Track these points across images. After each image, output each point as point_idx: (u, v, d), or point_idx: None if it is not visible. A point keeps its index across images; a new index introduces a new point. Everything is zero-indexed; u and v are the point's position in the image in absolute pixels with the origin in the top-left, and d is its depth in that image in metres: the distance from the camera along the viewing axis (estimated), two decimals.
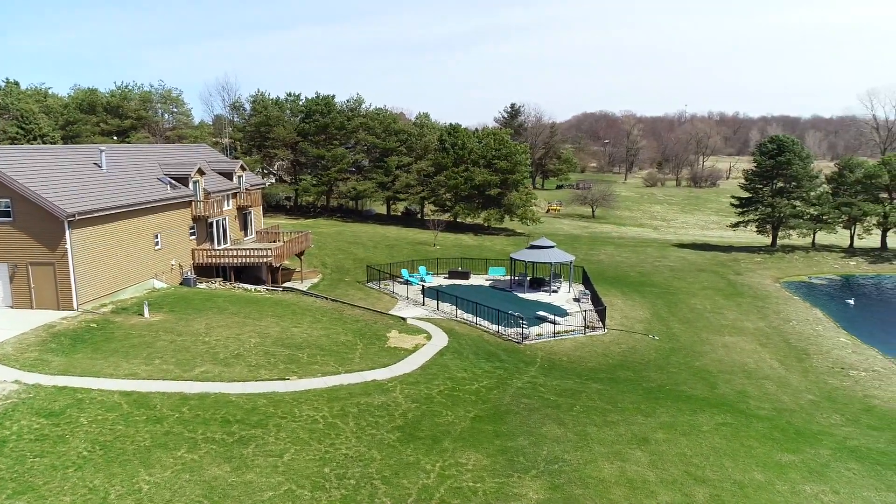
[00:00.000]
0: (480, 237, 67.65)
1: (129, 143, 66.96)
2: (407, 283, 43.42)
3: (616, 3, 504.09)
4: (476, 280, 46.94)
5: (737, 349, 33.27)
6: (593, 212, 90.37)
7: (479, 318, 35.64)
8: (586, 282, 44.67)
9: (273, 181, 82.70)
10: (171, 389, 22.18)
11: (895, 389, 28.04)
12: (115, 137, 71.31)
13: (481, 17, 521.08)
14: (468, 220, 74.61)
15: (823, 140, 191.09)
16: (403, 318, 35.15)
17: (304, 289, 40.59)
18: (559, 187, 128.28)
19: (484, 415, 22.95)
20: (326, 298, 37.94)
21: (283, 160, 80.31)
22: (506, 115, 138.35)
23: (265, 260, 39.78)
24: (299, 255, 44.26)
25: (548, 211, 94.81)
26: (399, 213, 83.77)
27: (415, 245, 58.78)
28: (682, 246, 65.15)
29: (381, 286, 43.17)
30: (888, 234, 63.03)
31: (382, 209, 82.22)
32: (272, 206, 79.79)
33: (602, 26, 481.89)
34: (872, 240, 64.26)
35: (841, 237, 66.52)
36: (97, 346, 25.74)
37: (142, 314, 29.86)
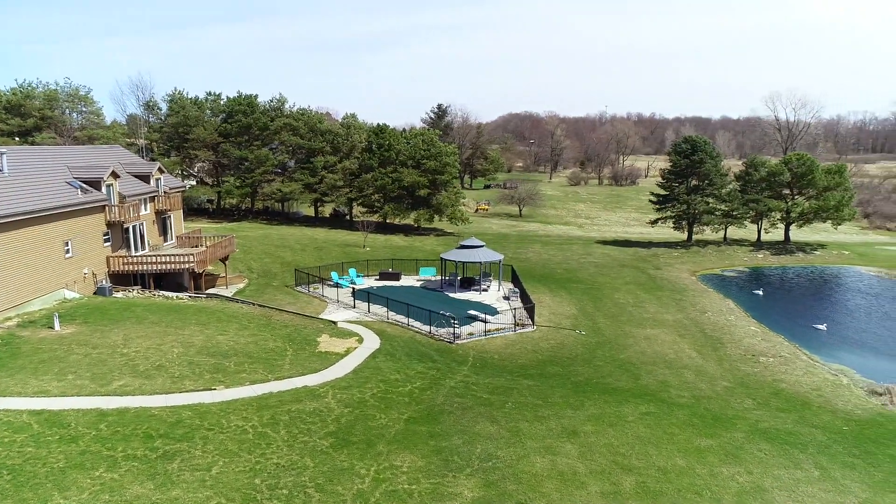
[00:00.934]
0: (411, 238, 67.65)
1: (33, 143, 62.69)
2: (337, 285, 42.85)
3: (537, 6, 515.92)
4: (407, 281, 46.91)
5: (658, 341, 34.78)
6: (520, 211, 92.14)
7: (410, 320, 35.62)
8: (515, 280, 45.50)
9: (194, 183, 79.61)
10: (86, 406, 20.96)
11: (800, 373, 30.09)
12: (16, 138, 66.56)
13: (405, 16, 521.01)
14: (398, 221, 74.43)
15: (732, 140, 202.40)
16: (334, 322, 34.67)
17: (230, 295, 39.33)
18: (487, 187, 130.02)
19: (418, 416, 22.96)
20: (253, 304, 36.91)
21: (203, 162, 77.43)
22: (433, 116, 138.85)
23: (187, 266, 38.26)
24: (223, 259, 42.82)
25: (476, 210, 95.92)
26: (327, 215, 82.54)
27: (344, 247, 58.09)
28: (605, 243, 67.45)
29: (311, 290, 42.42)
30: (790, 228, 67.54)
31: (310, 211, 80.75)
32: (193, 210, 76.82)
33: (525, 28, 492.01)
34: (777, 233, 68.70)
35: (749, 232, 70.75)
36: (1, 364, 24.00)
37: (52, 327, 28.06)
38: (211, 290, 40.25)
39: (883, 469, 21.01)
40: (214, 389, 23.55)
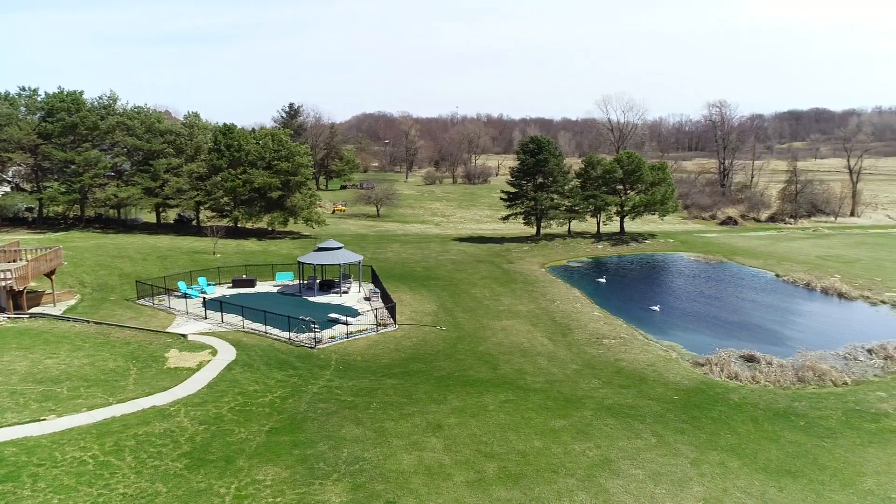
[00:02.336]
0: (265, 242, 65.13)
1: None
2: (185, 296, 40.13)
3: (383, 7, 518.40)
4: (263, 287, 45.11)
5: (513, 331, 36.54)
6: (378, 211, 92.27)
7: (268, 327, 34.33)
8: (376, 280, 45.49)
9: (8, 190, 70.45)
10: None
11: (637, 352, 33.12)
12: None
13: (247, 10, 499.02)
14: (250, 225, 71.25)
15: (572, 140, 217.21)
16: (184, 335, 32.48)
17: (59, 313, 35.39)
18: (343, 188, 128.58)
19: (280, 426, 22.23)
20: (88, 321, 33.52)
21: (19, 165, 68.72)
22: (284, 115, 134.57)
23: (4, 284, 33.82)
24: (49, 274, 38.37)
25: (333, 212, 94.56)
26: (171, 221, 76.91)
27: (192, 255, 54.51)
28: (461, 240, 69.58)
29: (156, 302, 39.34)
30: (625, 220, 74.07)
31: (151, 217, 74.68)
32: (9, 220, 68.01)
33: (376, 28, 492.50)
34: (614, 226, 75.03)
35: (590, 225, 76.53)
36: None
37: None
38: (35, 310, 35.95)
39: (706, 430, 23.76)
40: (44, 420, 21.12)
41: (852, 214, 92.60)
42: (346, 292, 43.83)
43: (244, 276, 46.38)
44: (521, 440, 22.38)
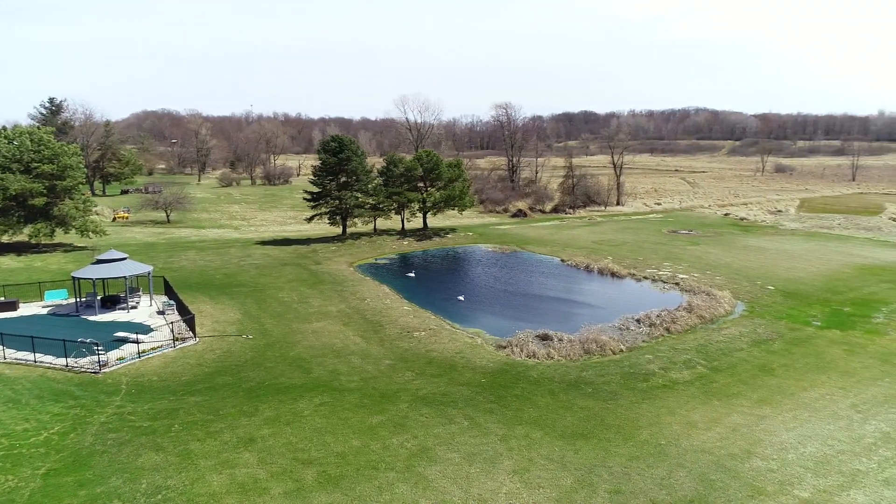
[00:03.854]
0: (28, 257, 56.30)
1: None
2: None
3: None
4: (29, 309, 38.98)
5: (325, 333, 35.93)
6: (168, 216, 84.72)
7: (39, 355, 29.73)
8: (170, 291, 41.73)
9: None
10: None
11: (446, 341, 34.52)
12: None
13: None
14: (7, 239, 61.08)
15: (373, 139, 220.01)
16: None
17: None
18: (125, 192, 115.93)
19: (60, 466, 19.39)
20: None
21: None
22: (45, 112, 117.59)
23: None
24: None
25: (114, 219, 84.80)
26: None
27: None
28: (264, 243, 66.65)
29: None
30: (427, 216, 76.76)
31: None
32: None
33: (153, 18, 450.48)
34: (417, 222, 77.39)
35: (395, 222, 78.03)
36: None
37: None
38: None
39: (512, 407, 25.55)
40: None
41: (618, 203, 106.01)
42: (134, 307, 39.60)
43: (2, 299, 39.66)
44: (340, 441, 22.10)
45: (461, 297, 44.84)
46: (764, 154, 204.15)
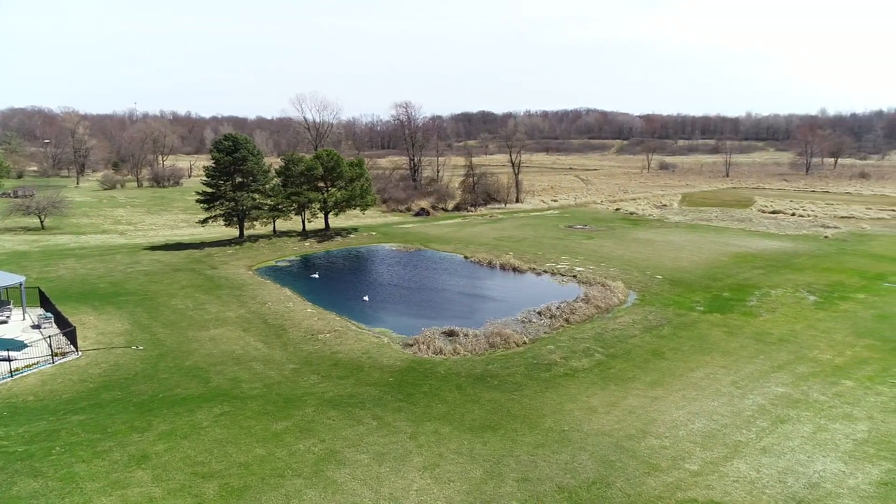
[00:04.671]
0: None
1: None
2: None
3: None
4: None
5: (224, 339, 34.35)
6: (42, 222, 77.79)
7: None
8: (46, 303, 38.33)
9: None
10: None
11: (352, 342, 33.99)
12: None
13: None
14: None
15: (269, 138, 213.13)
16: None
17: None
18: None
19: None
20: None
21: None
22: None
23: None
24: None
25: None
26: None
27: None
28: (154, 248, 62.77)
29: None
30: (329, 216, 75.33)
31: None
32: None
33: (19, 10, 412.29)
34: (318, 222, 75.75)
35: (295, 223, 75.95)
36: None
37: None
38: None
39: (420, 404, 25.56)
40: None
41: (517, 201, 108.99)
42: (4, 322, 36.04)
43: None
44: (242, 451, 21.18)
45: (366, 298, 44.37)
46: (649, 152, 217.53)
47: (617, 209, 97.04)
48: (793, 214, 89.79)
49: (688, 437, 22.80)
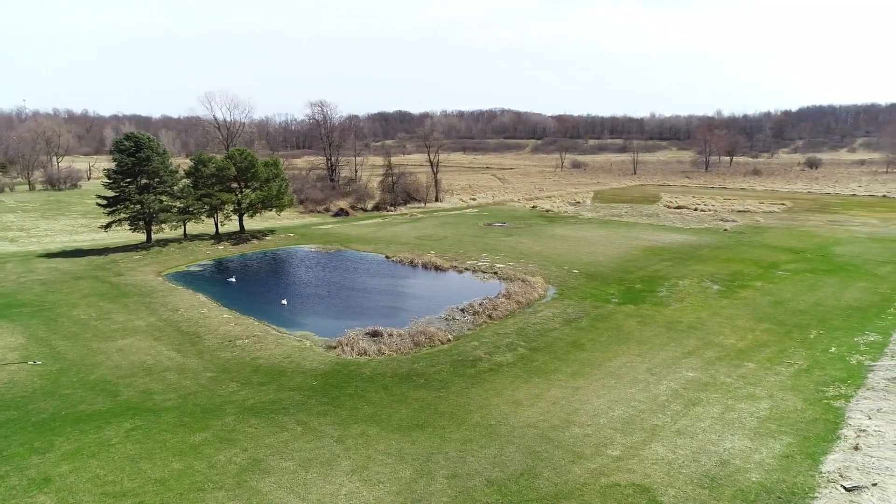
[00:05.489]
0: None
1: None
2: None
3: None
4: None
5: (133, 350, 32.40)
6: None
7: None
8: None
9: None
10: None
11: (272, 347, 32.93)
12: None
13: None
14: None
15: (177, 138, 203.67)
16: None
17: None
18: None
19: None
20: None
21: None
22: None
23: None
24: None
25: None
26: None
27: None
28: (50, 256, 58.36)
29: None
30: (244, 218, 72.75)
31: None
32: None
33: None
34: (232, 225, 72.99)
35: (208, 226, 72.84)
36: None
37: None
38: None
39: (346, 407, 25.11)
40: None
41: (436, 200, 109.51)
42: None
43: None
44: (158, 467, 20.04)
45: (284, 302, 43.12)
46: (562, 152, 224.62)
47: (533, 207, 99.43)
48: (695, 209, 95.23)
49: (608, 424, 23.62)
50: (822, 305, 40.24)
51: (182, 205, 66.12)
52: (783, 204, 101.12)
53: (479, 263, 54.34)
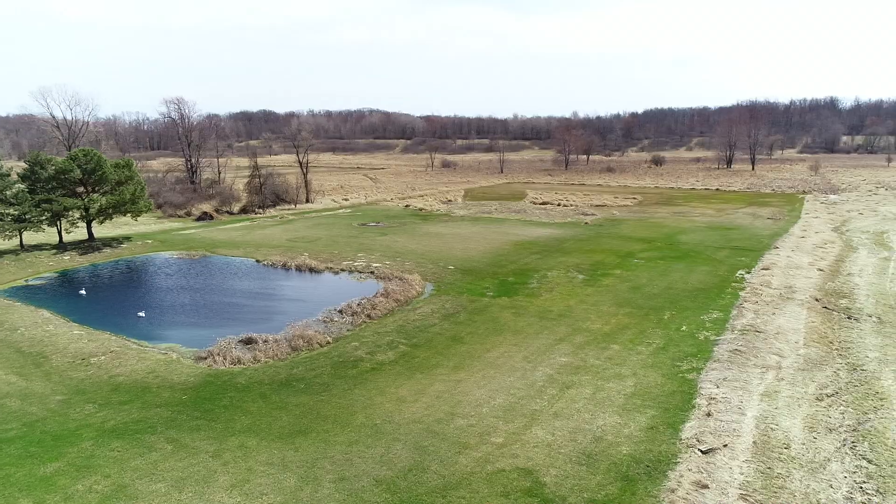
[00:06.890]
0: None
1: None
2: None
3: None
4: None
5: None
6: None
7: None
8: None
9: None
10: None
11: (133, 362, 30.32)
12: None
13: None
14: None
15: (6, 139, 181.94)
16: None
17: None
18: None
19: None
20: None
21: None
22: None
23: None
24: None
25: None
26: None
27: None
28: None
29: None
30: (93, 225, 66.38)
31: None
32: None
33: None
34: (80, 233, 66.35)
35: (50, 235, 65.73)
36: None
37: None
38: None
39: (221, 419, 23.71)
40: None
41: (308, 201, 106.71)
42: None
43: None
44: None
45: (141, 314, 39.80)
46: (432, 151, 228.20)
47: (407, 206, 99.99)
48: (559, 205, 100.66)
49: (491, 413, 24.25)
50: (672, 289, 44.11)
51: (17, 212, 59.11)
52: (635, 198, 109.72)
53: (356, 263, 53.69)
